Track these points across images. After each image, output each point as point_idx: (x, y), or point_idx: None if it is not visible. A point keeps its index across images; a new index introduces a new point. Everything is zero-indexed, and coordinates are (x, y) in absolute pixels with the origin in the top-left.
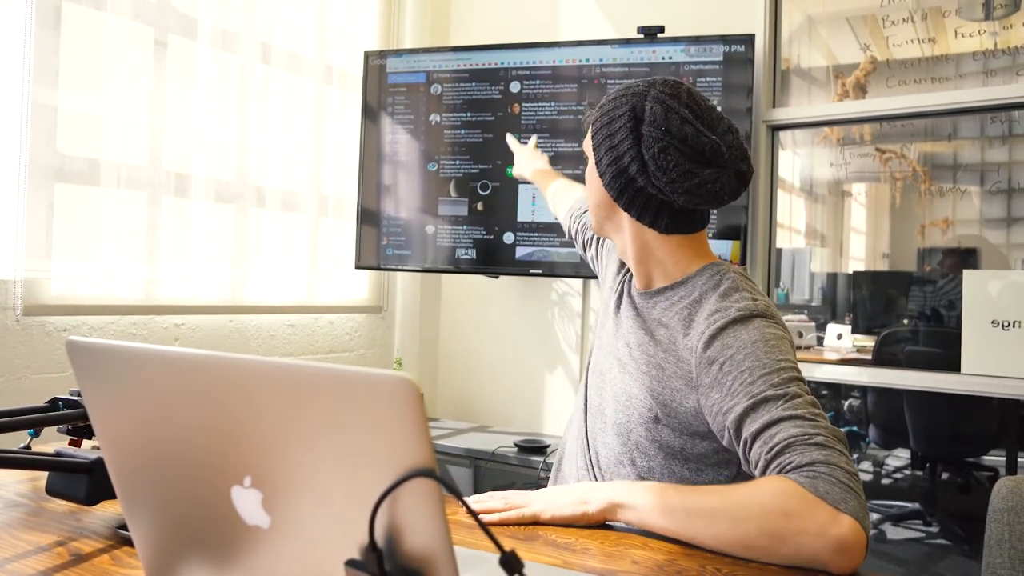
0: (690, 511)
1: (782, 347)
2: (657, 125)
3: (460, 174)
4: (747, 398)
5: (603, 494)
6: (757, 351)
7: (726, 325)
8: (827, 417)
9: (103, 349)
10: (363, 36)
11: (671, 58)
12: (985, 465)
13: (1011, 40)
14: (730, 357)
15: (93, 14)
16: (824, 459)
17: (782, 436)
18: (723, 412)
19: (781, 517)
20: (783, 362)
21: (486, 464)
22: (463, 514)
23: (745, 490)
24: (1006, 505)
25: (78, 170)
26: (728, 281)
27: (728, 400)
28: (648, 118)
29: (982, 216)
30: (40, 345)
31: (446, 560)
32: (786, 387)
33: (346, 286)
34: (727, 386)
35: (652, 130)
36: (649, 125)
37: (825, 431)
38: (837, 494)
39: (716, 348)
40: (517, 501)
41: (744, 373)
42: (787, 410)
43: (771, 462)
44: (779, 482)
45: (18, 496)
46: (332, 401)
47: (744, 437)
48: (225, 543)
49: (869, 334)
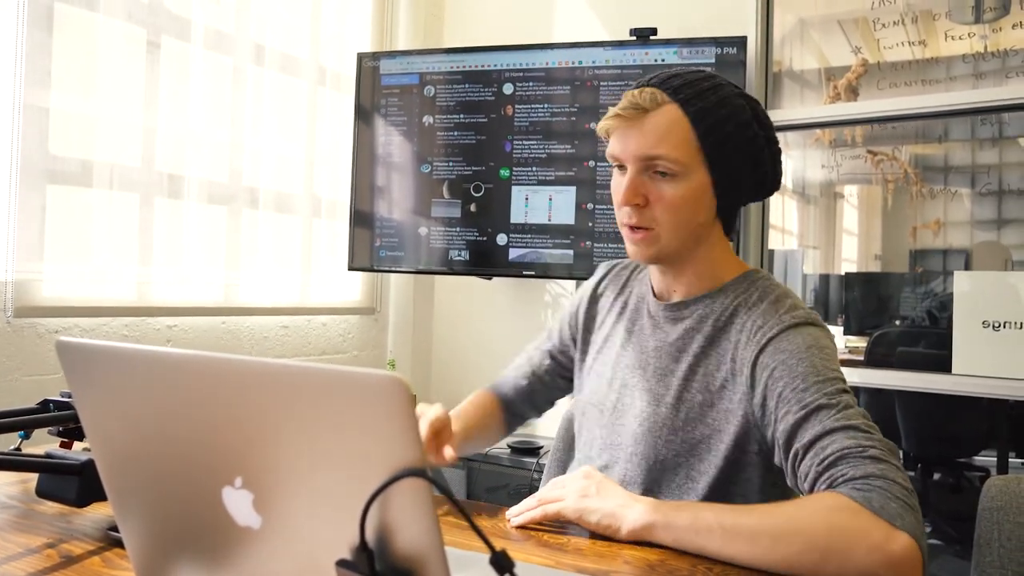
0: (728, 529)
1: (834, 357)
2: (768, 125)
3: (453, 176)
4: (800, 407)
5: (636, 516)
6: (812, 357)
7: (782, 331)
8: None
9: (93, 350)
10: (356, 38)
11: (664, 60)
12: (976, 465)
13: (1001, 43)
14: (782, 362)
15: (85, 15)
16: (880, 473)
17: (835, 448)
18: (776, 420)
19: (830, 532)
20: (835, 372)
21: (479, 466)
22: (455, 514)
23: (790, 507)
24: (995, 504)
25: (70, 171)
26: (778, 289)
27: (781, 407)
28: (762, 118)
29: (973, 218)
30: (31, 347)
31: (437, 560)
32: (839, 397)
33: (339, 288)
34: (777, 393)
35: (770, 131)
36: (763, 125)
37: (879, 444)
38: (893, 509)
39: (769, 353)
40: (549, 496)
41: (797, 379)
42: (839, 420)
43: (822, 474)
44: (829, 497)
45: (8, 498)
46: (322, 401)
47: (795, 448)
48: (216, 544)
49: (861, 335)
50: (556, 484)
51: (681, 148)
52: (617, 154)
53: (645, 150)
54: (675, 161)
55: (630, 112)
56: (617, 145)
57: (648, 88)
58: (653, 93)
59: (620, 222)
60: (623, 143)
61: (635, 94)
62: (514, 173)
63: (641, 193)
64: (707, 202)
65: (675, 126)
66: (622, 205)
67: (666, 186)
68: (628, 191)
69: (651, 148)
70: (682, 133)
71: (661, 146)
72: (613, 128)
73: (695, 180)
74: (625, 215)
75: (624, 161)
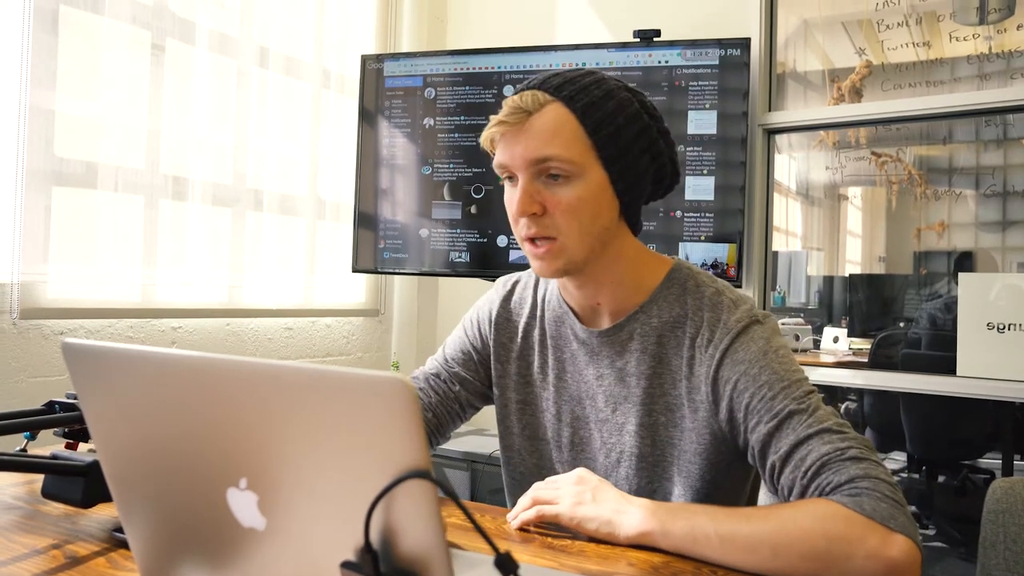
0: (725, 538)
1: (789, 354)
2: (658, 116)
3: (454, 177)
4: (771, 416)
5: (633, 523)
6: (771, 363)
7: (733, 340)
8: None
9: (98, 351)
10: (360, 40)
11: (667, 62)
12: (981, 468)
13: (1005, 44)
14: (743, 372)
15: (90, 18)
16: (863, 473)
17: (814, 457)
18: (747, 430)
19: (828, 540)
20: (797, 372)
21: (483, 467)
22: (459, 516)
23: (787, 513)
24: (1000, 507)
25: (75, 173)
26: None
27: (751, 418)
28: (651, 109)
29: (977, 219)
30: (37, 348)
31: (441, 562)
32: (807, 400)
33: (343, 289)
34: (744, 404)
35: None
36: (653, 117)
37: (856, 442)
38: (885, 511)
39: (728, 367)
40: (544, 497)
41: (763, 388)
42: (812, 426)
43: (808, 487)
44: (822, 505)
45: (14, 499)
46: (327, 402)
47: (772, 460)
48: (221, 545)
49: (865, 337)
50: (551, 483)
51: (572, 146)
52: (505, 162)
53: (534, 153)
54: (568, 161)
55: (513, 117)
56: (504, 153)
57: (528, 91)
58: (534, 95)
59: (520, 237)
60: (510, 150)
61: (515, 99)
62: None
63: (537, 201)
64: (607, 202)
65: (562, 124)
66: (518, 217)
67: (561, 190)
68: (523, 200)
69: (540, 150)
70: (571, 131)
71: (550, 147)
72: (498, 136)
73: (591, 179)
74: (523, 228)
75: (513, 169)
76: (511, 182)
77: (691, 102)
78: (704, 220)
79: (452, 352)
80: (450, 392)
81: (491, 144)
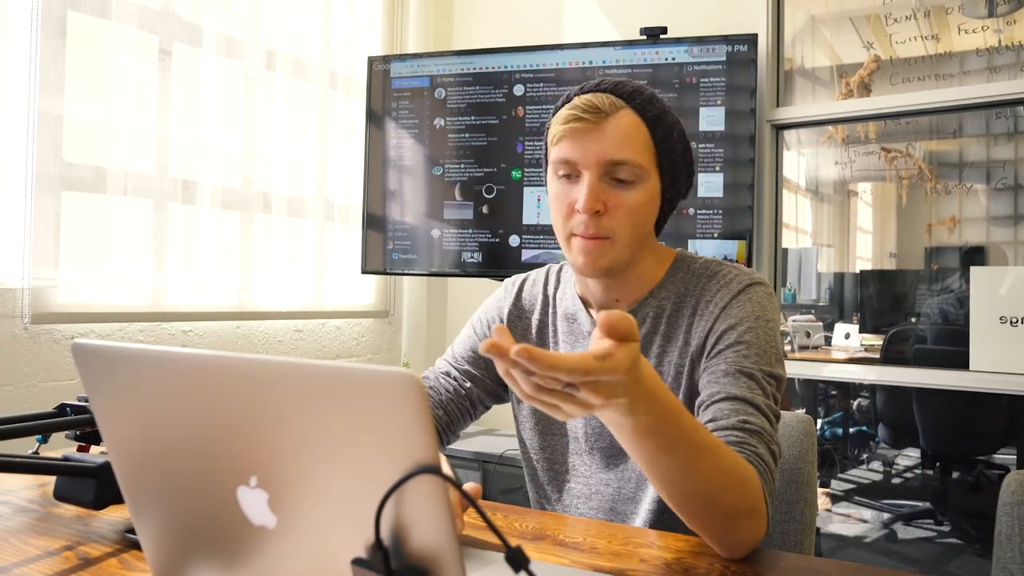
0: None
1: (777, 334)
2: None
3: (465, 178)
4: (735, 363)
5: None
6: (759, 327)
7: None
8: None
9: (108, 351)
10: (367, 41)
11: (674, 59)
12: (996, 463)
13: (1015, 36)
14: (733, 326)
15: (98, 23)
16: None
17: (757, 422)
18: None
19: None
20: (774, 352)
21: (494, 467)
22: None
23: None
24: (1016, 499)
25: (84, 178)
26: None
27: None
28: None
29: (989, 214)
30: (48, 353)
31: (452, 558)
32: (769, 380)
33: (352, 291)
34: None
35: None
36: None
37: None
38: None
39: (721, 320)
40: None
41: (742, 346)
42: (766, 402)
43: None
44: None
45: (27, 501)
46: (336, 399)
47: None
48: (232, 544)
49: (877, 333)
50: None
51: (643, 153)
52: (575, 159)
53: (609, 155)
54: (638, 166)
55: (591, 116)
56: (575, 150)
57: (601, 93)
58: (610, 98)
59: (569, 232)
60: (582, 148)
61: (590, 98)
62: (525, 174)
63: (602, 200)
64: (655, 209)
65: (636, 131)
66: (579, 212)
67: (626, 193)
68: (590, 197)
69: (616, 153)
70: (642, 138)
71: (625, 151)
72: (568, 132)
73: (650, 186)
74: (578, 224)
75: (582, 167)
76: (568, 179)
77: (702, 99)
78: (715, 217)
79: (461, 351)
80: (460, 389)
81: (557, 139)
